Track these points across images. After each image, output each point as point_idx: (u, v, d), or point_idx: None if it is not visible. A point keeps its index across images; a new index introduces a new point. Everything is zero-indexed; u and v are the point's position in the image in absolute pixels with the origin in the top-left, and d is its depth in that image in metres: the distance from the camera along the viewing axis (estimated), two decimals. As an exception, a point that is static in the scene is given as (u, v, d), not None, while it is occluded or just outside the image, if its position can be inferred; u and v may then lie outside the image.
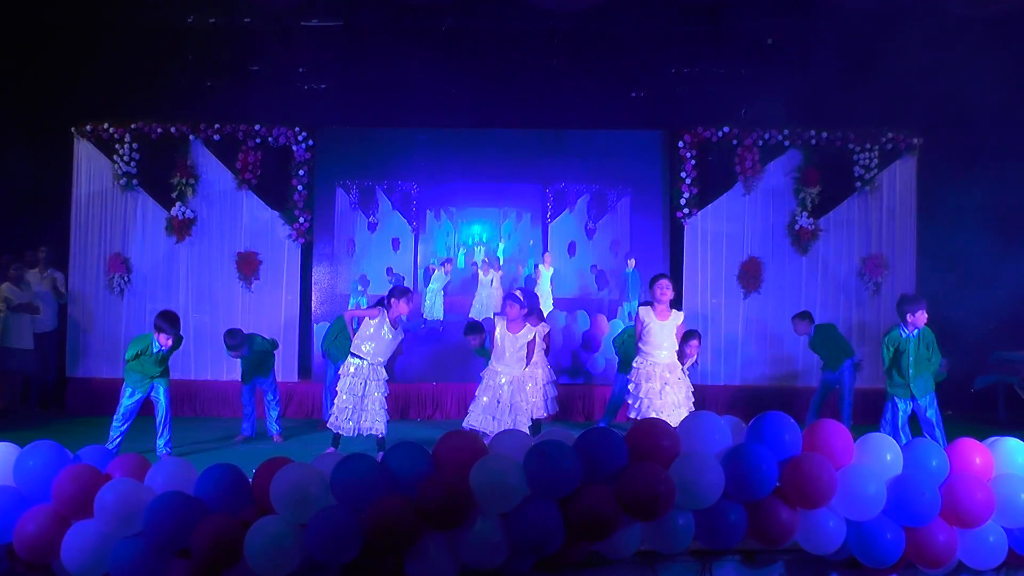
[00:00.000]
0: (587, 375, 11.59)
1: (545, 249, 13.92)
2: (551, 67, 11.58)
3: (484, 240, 16.82)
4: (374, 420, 7.99)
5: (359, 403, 7.98)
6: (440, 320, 13.54)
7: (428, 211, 14.80)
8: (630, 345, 8.37)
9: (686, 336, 8.19)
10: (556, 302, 13.15)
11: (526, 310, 7.95)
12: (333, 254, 12.07)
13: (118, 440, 8.09)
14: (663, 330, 7.52)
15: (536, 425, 8.48)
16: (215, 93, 11.39)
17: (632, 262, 12.39)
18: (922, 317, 7.48)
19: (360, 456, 4.43)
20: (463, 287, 14.31)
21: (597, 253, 13.99)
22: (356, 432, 7.99)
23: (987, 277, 11.31)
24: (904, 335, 7.52)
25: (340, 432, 8.07)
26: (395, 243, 14.24)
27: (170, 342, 8.05)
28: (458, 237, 16.59)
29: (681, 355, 7.90)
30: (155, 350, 8.03)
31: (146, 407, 8.32)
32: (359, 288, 12.74)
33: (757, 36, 11.40)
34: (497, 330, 7.81)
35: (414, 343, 11.84)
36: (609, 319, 12.21)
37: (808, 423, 6.42)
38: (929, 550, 4.53)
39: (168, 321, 8.06)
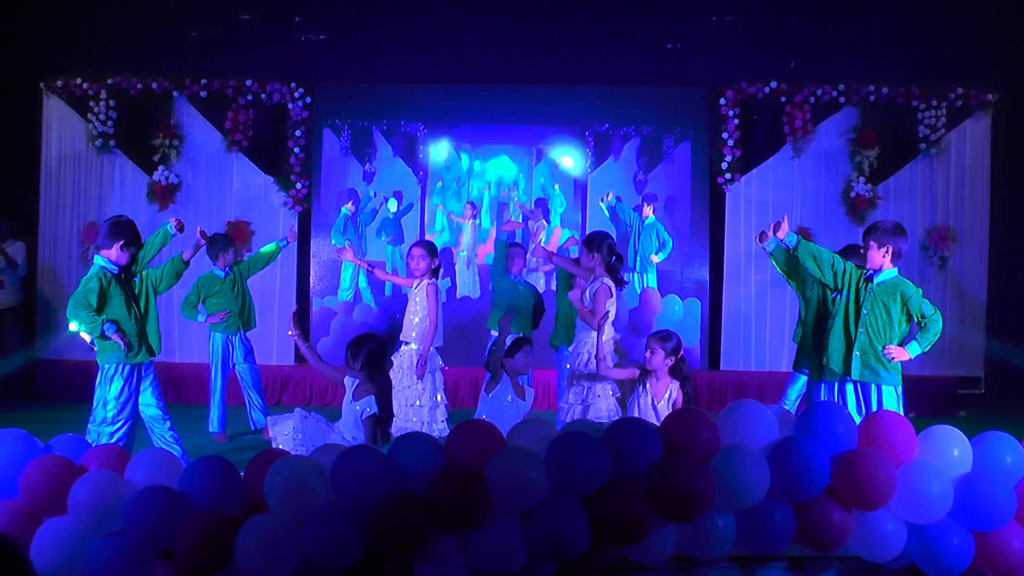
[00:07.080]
0: (634, 363, 11.33)
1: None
2: (575, 17, 11.48)
3: (508, 188, 15.38)
4: None
5: None
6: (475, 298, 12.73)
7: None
8: None
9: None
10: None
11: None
12: (334, 223, 12.04)
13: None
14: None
15: None
16: (202, 45, 11.34)
17: (649, 209, 12.06)
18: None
19: (364, 448, 4.43)
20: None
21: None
22: None
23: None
24: None
25: None
26: (398, 196, 13.75)
27: (126, 257, 6.72)
28: (471, 187, 15.28)
29: None
30: (111, 272, 6.62)
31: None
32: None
33: (809, -20, 11.30)
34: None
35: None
36: (663, 294, 11.54)
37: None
38: (1002, 558, 4.50)
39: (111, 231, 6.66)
